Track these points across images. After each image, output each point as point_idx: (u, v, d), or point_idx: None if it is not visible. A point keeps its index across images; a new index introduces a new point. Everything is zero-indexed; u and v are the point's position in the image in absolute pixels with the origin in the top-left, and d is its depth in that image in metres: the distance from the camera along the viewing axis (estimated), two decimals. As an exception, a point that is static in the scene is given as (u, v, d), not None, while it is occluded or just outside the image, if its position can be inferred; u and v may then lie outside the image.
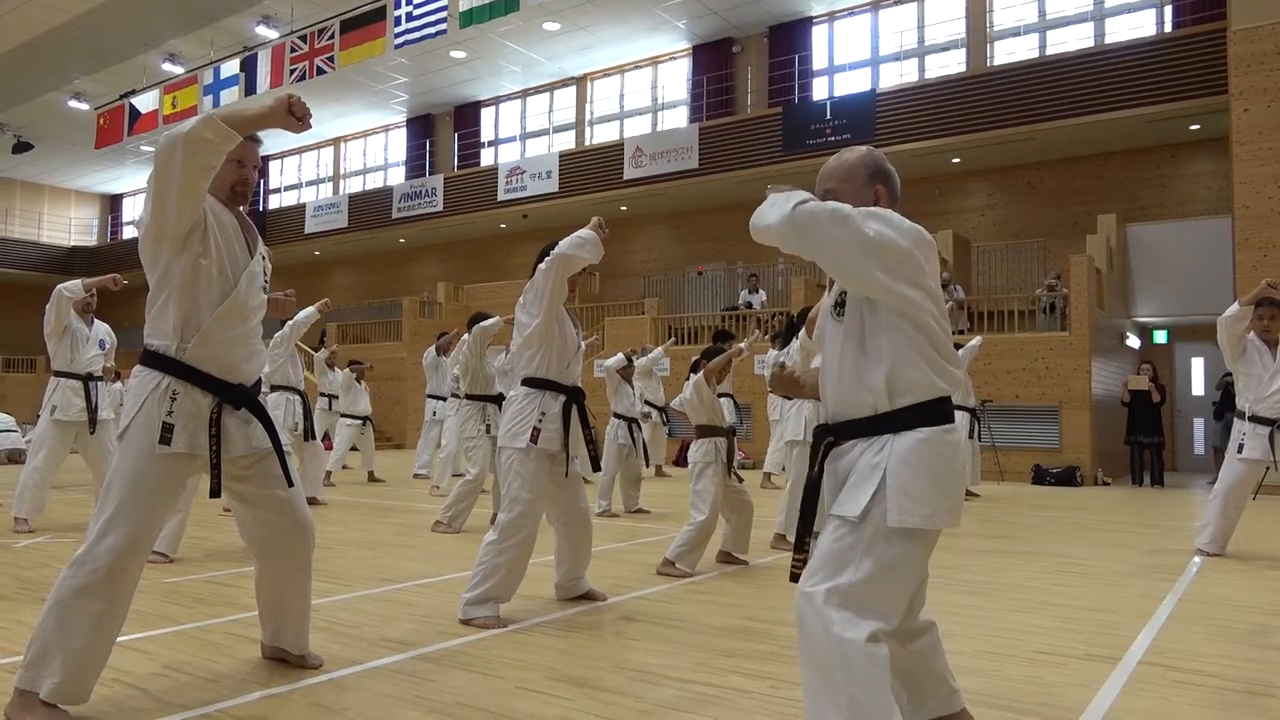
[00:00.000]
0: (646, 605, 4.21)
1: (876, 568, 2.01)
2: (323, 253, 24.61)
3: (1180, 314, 13.99)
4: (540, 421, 3.92)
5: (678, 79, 19.14)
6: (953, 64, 16.05)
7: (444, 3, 13.61)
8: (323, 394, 11.10)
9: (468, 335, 7.15)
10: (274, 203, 25.95)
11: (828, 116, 15.63)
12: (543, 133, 21.14)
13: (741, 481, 5.40)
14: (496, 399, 7.03)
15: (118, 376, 9.22)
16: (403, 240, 22.88)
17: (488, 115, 21.93)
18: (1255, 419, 5.69)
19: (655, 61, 19.40)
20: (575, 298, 4.40)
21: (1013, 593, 4.58)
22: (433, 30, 13.89)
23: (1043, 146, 14.66)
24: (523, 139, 21.42)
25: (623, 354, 8.64)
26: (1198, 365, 14.46)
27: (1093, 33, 14.96)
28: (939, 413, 2.09)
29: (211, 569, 4.99)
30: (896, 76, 16.59)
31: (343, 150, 25.10)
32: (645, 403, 10.74)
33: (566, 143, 20.44)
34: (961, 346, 9.12)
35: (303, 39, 15.47)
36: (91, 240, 30.24)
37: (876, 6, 16.82)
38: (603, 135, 19.97)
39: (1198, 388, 14.39)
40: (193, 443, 2.70)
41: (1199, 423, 14.17)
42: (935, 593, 3.65)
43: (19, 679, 2.53)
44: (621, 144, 18.17)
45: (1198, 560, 5.66)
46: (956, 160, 15.53)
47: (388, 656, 3.26)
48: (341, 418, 11.22)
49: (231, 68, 16.72)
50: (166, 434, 2.65)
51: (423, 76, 20.14)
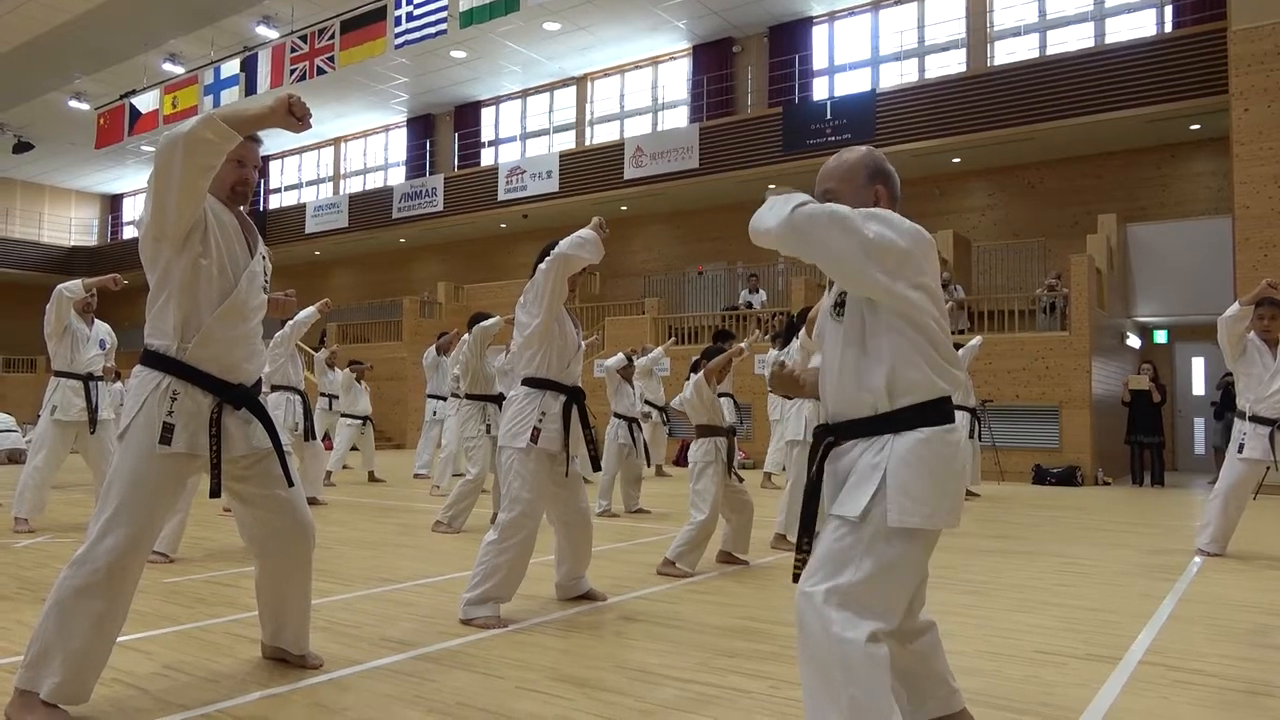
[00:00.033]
0: (647, 605, 4.21)
1: (876, 568, 2.01)
2: (323, 253, 24.61)
3: (1180, 314, 13.99)
4: (540, 421, 3.92)
5: (678, 79, 19.14)
6: (953, 64, 16.05)
7: (444, 3, 13.62)
8: (323, 394, 11.10)
9: (468, 335, 7.15)
10: (274, 203, 25.96)
11: (828, 116, 15.62)
12: (543, 133, 21.14)
13: (742, 481, 5.40)
14: (497, 399, 7.03)
15: (118, 376, 9.23)
16: (403, 240, 22.89)
17: (488, 115, 21.94)
18: (1256, 419, 5.69)
19: (655, 61, 19.40)
20: (575, 298, 4.40)
21: (1013, 592, 4.58)
22: (433, 30, 13.90)
23: (1043, 146, 14.67)
24: (523, 139, 21.43)
25: (623, 354, 8.64)
26: (1198, 365, 14.46)
27: (1093, 33, 14.96)
28: (939, 413, 2.09)
29: (212, 569, 4.99)
30: (897, 76, 16.59)
31: (343, 150, 25.10)
32: (645, 402, 10.73)
33: (567, 143, 20.45)
34: (961, 346, 9.13)
35: (303, 39, 15.48)
36: (92, 240, 30.25)
37: (877, 6, 16.82)
38: (603, 135, 19.97)
39: (1198, 388, 14.39)
40: (193, 443, 2.71)
41: (1199, 422, 14.17)
42: (935, 592, 3.65)
43: (19, 679, 2.53)
44: (622, 144, 18.17)
45: (1198, 560, 5.66)
46: (957, 160, 15.53)
47: (388, 656, 3.26)
48: (342, 417, 11.23)
49: (232, 68, 16.73)
50: (167, 434, 2.65)
51: (423, 76, 20.14)
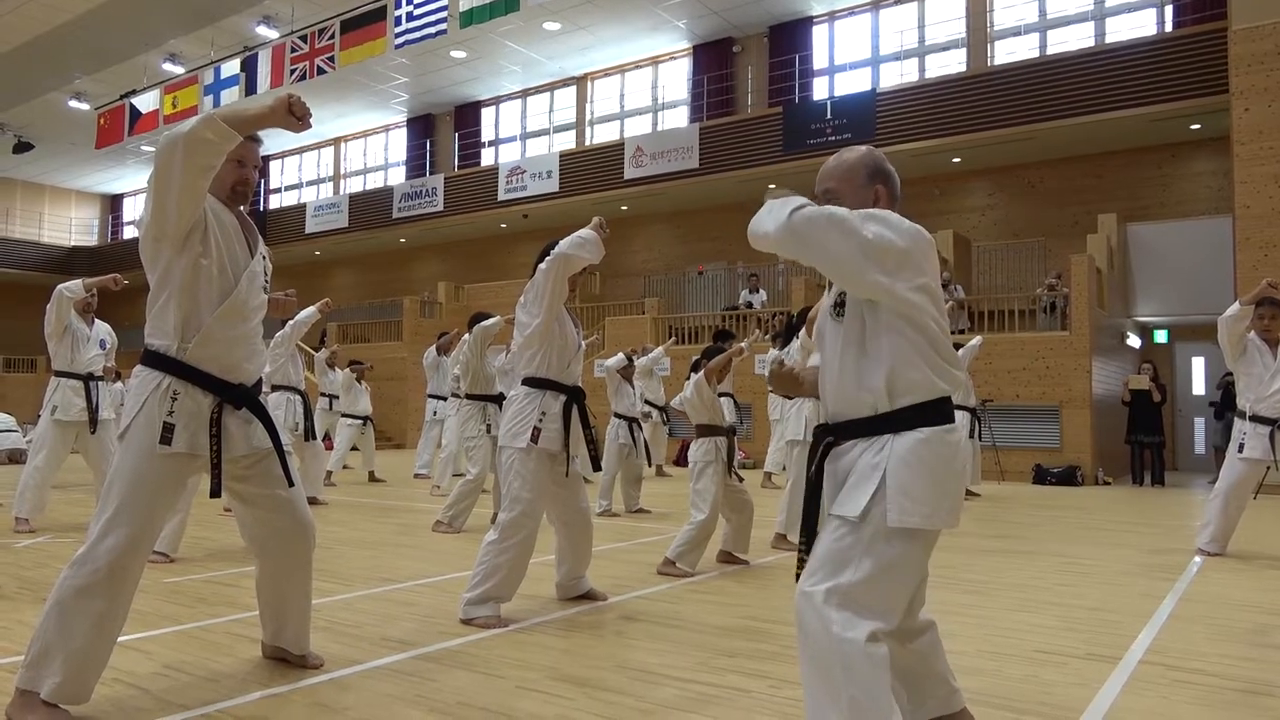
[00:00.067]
0: (647, 605, 4.21)
1: (876, 568, 2.01)
2: (323, 253, 24.61)
3: (1181, 313, 13.98)
4: (541, 421, 3.92)
5: (678, 79, 19.13)
6: (953, 64, 16.04)
7: (444, 3, 13.62)
8: (323, 394, 11.10)
9: (468, 335, 7.15)
10: (274, 203, 25.96)
11: (828, 116, 15.62)
12: (543, 132, 21.14)
13: (742, 481, 5.40)
14: (497, 399, 7.04)
15: (118, 376, 9.23)
16: (403, 240, 22.89)
17: (488, 115, 21.93)
18: (1256, 418, 5.69)
19: (655, 61, 19.40)
20: (576, 297, 4.40)
21: (1013, 592, 4.58)
22: (433, 30, 13.90)
23: (1043, 146, 14.66)
24: (523, 139, 21.42)
25: (623, 354, 8.64)
26: (1198, 365, 14.46)
27: (1093, 32, 14.95)
28: (939, 413, 2.09)
29: (212, 569, 4.99)
30: (897, 76, 16.59)
31: (343, 150, 25.10)
32: (646, 402, 10.74)
33: (567, 142, 20.44)
34: (962, 346, 9.13)
35: (303, 39, 15.48)
36: (92, 240, 30.25)
37: (877, 6, 16.81)
38: (603, 135, 19.97)
39: (1198, 387, 14.38)
40: (193, 443, 2.71)
41: (1199, 422, 14.16)
42: (936, 592, 3.65)
43: (20, 679, 2.54)
44: (622, 144, 18.17)
45: (1198, 560, 5.66)
46: (957, 160, 15.53)
47: (388, 656, 3.26)
48: (342, 417, 11.23)
49: (232, 68, 16.73)
50: (167, 434, 2.65)
51: (423, 76, 20.14)
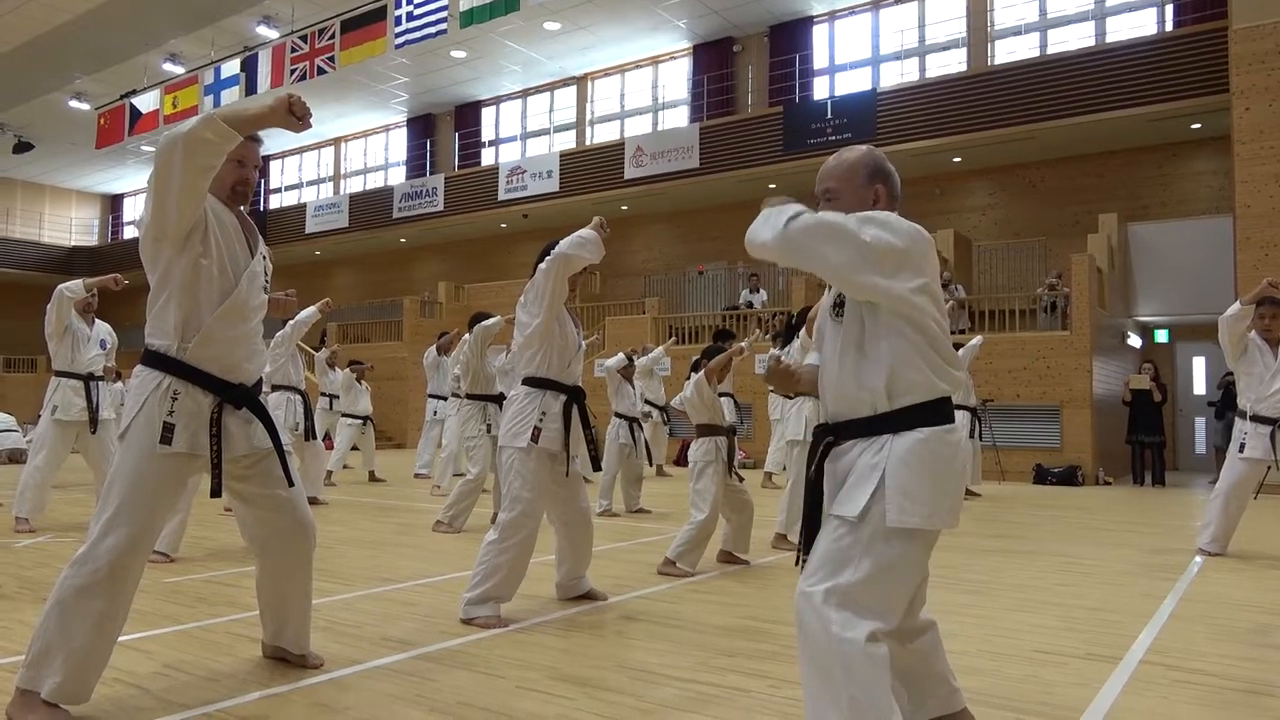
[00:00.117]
0: (647, 605, 4.21)
1: (875, 568, 2.01)
2: (323, 252, 24.62)
3: (1181, 313, 13.98)
4: (541, 421, 3.92)
5: (678, 78, 19.13)
6: (953, 63, 16.03)
7: (444, 2, 13.62)
8: (323, 394, 11.10)
9: (468, 335, 7.15)
10: (274, 202, 25.97)
11: (828, 116, 15.61)
12: (543, 132, 21.14)
13: (742, 481, 5.40)
14: (497, 399, 7.04)
15: (119, 376, 9.23)
16: (403, 240, 22.89)
17: (488, 115, 21.93)
18: (1256, 418, 5.69)
19: (656, 61, 19.40)
20: (576, 297, 4.39)
21: (1014, 592, 4.58)
22: (433, 30, 13.90)
23: (1044, 146, 14.66)
24: (523, 139, 21.42)
25: (623, 354, 8.64)
26: (1199, 364, 14.45)
27: (1094, 32, 14.95)
28: (939, 413, 2.09)
29: (212, 568, 4.99)
30: (897, 76, 16.58)
31: (343, 150, 25.10)
32: (646, 402, 10.73)
33: (567, 142, 20.44)
34: (962, 346, 9.13)
35: (303, 39, 15.47)
36: (92, 240, 30.26)
37: (877, 6, 16.81)
38: (603, 135, 19.97)
39: (1199, 387, 14.38)
40: (194, 442, 2.71)
41: (1200, 422, 14.16)
42: (936, 592, 3.65)
43: (20, 678, 2.54)
44: (622, 144, 18.17)
45: (1199, 560, 5.66)
46: (957, 159, 15.53)
47: (389, 656, 3.26)
48: (342, 417, 11.23)
49: (232, 68, 16.73)
50: (167, 434, 2.65)
51: (423, 76, 20.14)
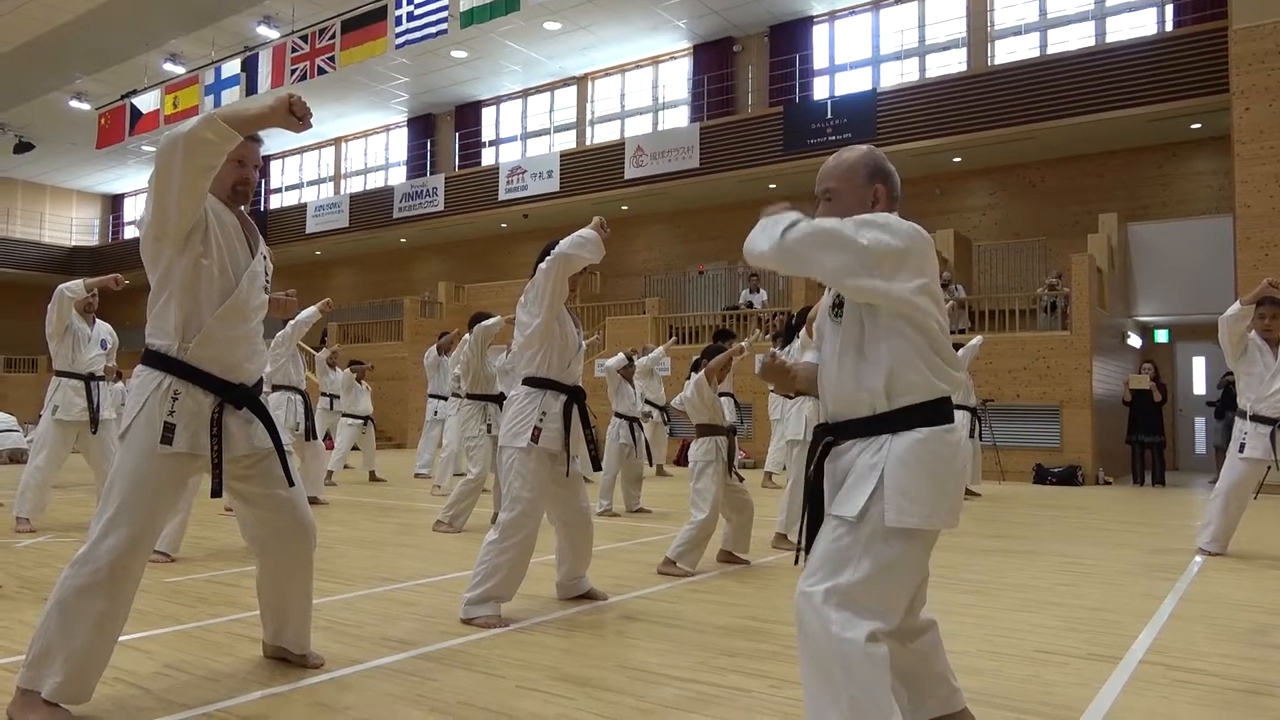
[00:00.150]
0: (647, 604, 4.21)
1: (875, 568, 2.01)
2: (324, 252, 24.62)
3: (1181, 313, 13.98)
4: (541, 421, 3.92)
5: (678, 78, 19.13)
6: (954, 63, 16.03)
7: (445, 2, 13.62)
8: (324, 393, 11.11)
9: (469, 335, 7.16)
10: (275, 202, 25.97)
11: (828, 116, 15.61)
12: (544, 132, 21.14)
13: (742, 481, 5.40)
14: (498, 398, 7.04)
15: (119, 376, 9.23)
16: (404, 240, 22.89)
17: (489, 115, 21.93)
18: (1256, 418, 5.69)
19: (656, 61, 19.40)
20: (576, 297, 4.40)
21: (1014, 592, 4.58)
22: (433, 30, 13.90)
23: (1044, 146, 14.66)
24: (524, 139, 21.42)
25: (623, 353, 8.64)
26: (1199, 364, 14.45)
27: (1094, 32, 14.95)
28: (938, 413, 2.09)
29: (213, 568, 5.00)
30: (897, 76, 16.58)
31: (344, 150, 25.10)
32: (646, 402, 10.74)
33: (567, 142, 20.44)
34: (962, 346, 9.13)
35: (304, 39, 15.48)
36: (93, 240, 30.26)
37: (877, 6, 16.81)
38: (604, 135, 19.97)
39: (1199, 387, 14.38)
40: (194, 442, 2.71)
41: (1200, 422, 14.16)
42: (936, 592, 3.65)
43: (21, 678, 2.54)
44: (622, 143, 18.17)
45: (1199, 559, 5.66)
46: (957, 159, 15.52)
47: (389, 656, 3.26)
48: (343, 417, 11.24)
49: (232, 68, 16.73)
50: (168, 434, 2.66)
51: (423, 76, 20.14)
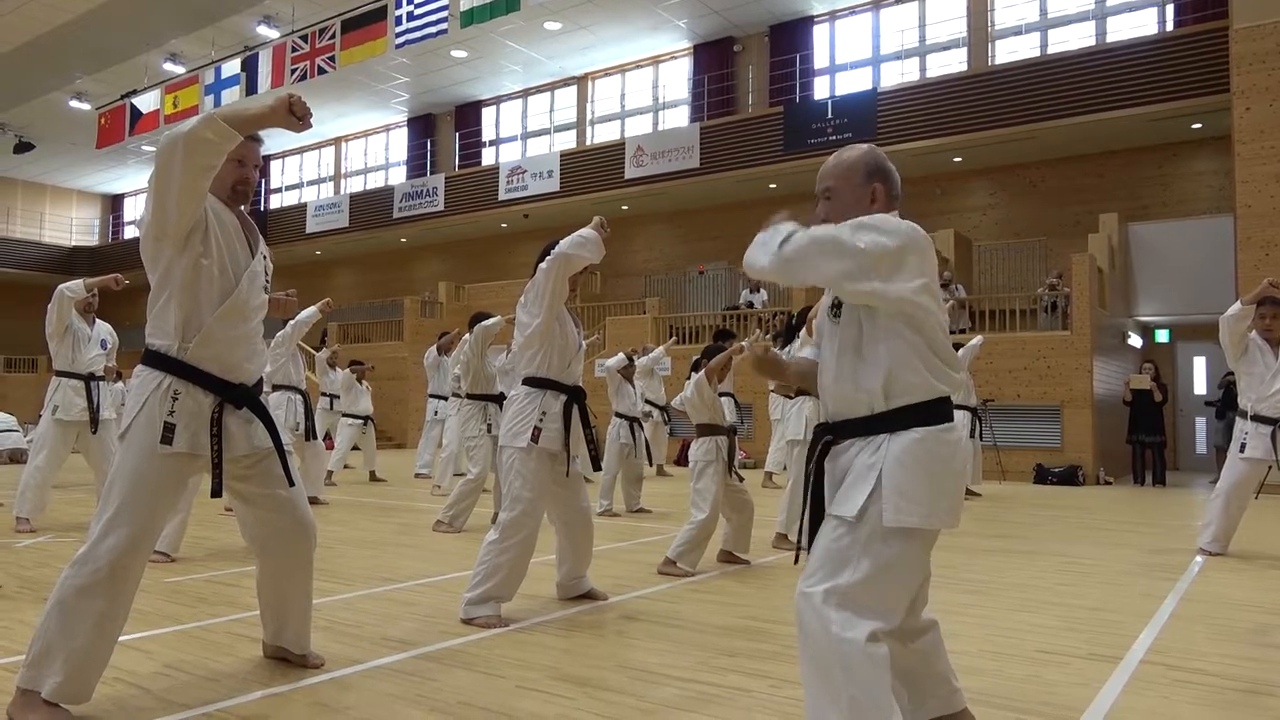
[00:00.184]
0: (648, 604, 4.21)
1: (874, 568, 2.01)
2: (324, 252, 24.62)
3: (1182, 313, 13.97)
4: (541, 421, 3.92)
5: (679, 78, 19.13)
6: (954, 63, 16.03)
7: (445, 2, 13.62)
8: (324, 393, 11.11)
9: (469, 335, 7.15)
10: (275, 202, 25.97)
11: (829, 116, 15.61)
12: (544, 132, 21.14)
13: (742, 481, 5.40)
14: (498, 398, 7.04)
15: (119, 376, 9.23)
16: (404, 240, 22.89)
17: (489, 115, 21.93)
18: (1257, 418, 5.69)
19: (656, 61, 19.40)
20: (576, 297, 4.39)
21: (1015, 592, 4.58)
22: (433, 30, 13.90)
23: (1044, 145, 14.66)
24: (524, 138, 21.42)
25: (624, 353, 8.64)
26: (1200, 364, 14.45)
27: (1094, 32, 14.95)
28: (937, 412, 2.09)
29: (213, 568, 5.00)
30: (898, 76, 16.58)
31: (344, 150, 25.11)
32: (646, 402, 10.73)
33: (568, 142, 20.44)
34: (962, 346, 9.13)
35: (304, 39, 15.48)
36: (93, 240, 30.27)
37: (878, 6, 16.81)
38: (604, 135, 19.97)
39: (1200, 387, 14.37)
40: (194, 442, 2.71)
41: (1201, 422, 14.15)
42: (937, 592, 3.63)
43: (21, 678, 2.54)
44: (622, 143, 18.17)
45: (1199, 559, 5.66)
46: (958, 159, 15.52)
47: (389, 656, 3.26)
48: (343, 417, 11.24)
49: (233, 67, 16.74)
50: (168, 434, 2.65)
51: (424, 76, 20.14)
